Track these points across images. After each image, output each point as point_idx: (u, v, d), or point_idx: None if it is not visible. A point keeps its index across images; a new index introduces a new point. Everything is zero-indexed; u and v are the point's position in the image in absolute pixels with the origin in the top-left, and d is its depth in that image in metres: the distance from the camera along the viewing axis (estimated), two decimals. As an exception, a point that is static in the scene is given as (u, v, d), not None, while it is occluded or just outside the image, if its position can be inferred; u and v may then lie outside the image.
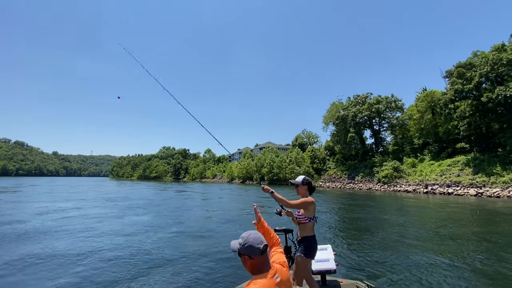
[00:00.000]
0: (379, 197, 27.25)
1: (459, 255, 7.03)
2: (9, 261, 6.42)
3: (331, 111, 58.44)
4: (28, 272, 5.75)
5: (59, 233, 9.41)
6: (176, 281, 5.26)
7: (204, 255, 6.94)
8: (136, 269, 5.92)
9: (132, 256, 6.80)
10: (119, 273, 5.65)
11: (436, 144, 38.41)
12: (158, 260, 6.51)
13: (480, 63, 29.04)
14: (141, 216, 13.52)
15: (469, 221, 12.96)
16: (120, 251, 7.23)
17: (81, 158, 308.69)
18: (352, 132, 48.52)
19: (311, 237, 3.10)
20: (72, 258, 6.61)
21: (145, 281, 5.27)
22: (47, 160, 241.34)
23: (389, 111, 48.02)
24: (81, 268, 5.95)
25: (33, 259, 6.59)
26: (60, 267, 5.98)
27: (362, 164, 47.34)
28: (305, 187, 3.24)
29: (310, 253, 3.06)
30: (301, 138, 76.56)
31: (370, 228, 10.90)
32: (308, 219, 3.09)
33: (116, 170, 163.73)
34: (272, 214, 11.79)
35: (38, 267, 6.05)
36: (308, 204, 3.07)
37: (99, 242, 8.25)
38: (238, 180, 78.61)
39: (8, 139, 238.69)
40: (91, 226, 10.78)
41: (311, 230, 3.12)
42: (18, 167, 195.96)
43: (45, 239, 8.62)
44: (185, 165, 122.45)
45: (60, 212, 14.50)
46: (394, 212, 15.98)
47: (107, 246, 7.74)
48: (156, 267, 6.01)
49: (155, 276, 5.50)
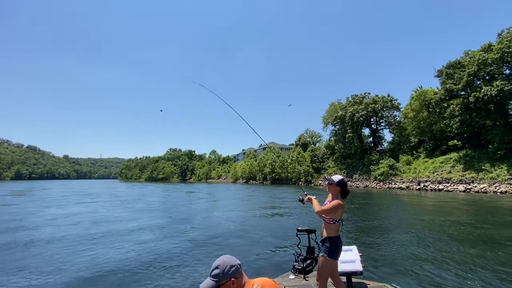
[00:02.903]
0: (376, 195, 28.31)
1: (484, 256, 6.59)
2: (32, 262, 6.50)
3: (330, 111, 59.71)
4: (51, 273, 5.74)
5: (85, 236, 9.44)
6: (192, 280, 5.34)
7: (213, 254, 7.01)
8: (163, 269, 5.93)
9: (157, 258, 6.78)
10: (140, 274, 5.66)
11: (431, 142, 39.31)
12: (179, 261, 6.50)
13: (468, 63, 29.95)
14: (159, 219, 13.30)
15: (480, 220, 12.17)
16: (143, 253, 7.22)
17: (91, 161, 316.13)
18: (350, 131, 49.63)
19: (335, 238, 3.03)
20: (95, 260, 6.60)
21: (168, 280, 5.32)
22: (59, 164, 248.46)
23: (386, 110, 48.97)
24: (107, 268, 5.99)
25: (56, 260, 6.65)
26: (85, 269, 5.95)
27: (360, 162, 48.41)
28: (338, 188, 3.09)
29: (334, 253, 2.98)
30: (304, 137, 77.68)
31: (383, 227, 10.51)
32: (334, 221, 3.02)
33: (124, 172, 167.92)
34: (294, 216, 13.54)
35: (63, 267, 6.09)
36: (337, 209, 2.98)
37: (118, 246, 8.15)
38: (242, 180, 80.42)
39: (21, 144, 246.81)
40: (113, 228, 10.73)
41: (336, 231, 3.04)
42: (31, 171, 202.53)
43: (73, 242, 8.69)
44: (191, 166, 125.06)
45: (83, 215, 14.76)
46: (400, 210, 16.33)
47: (125, 249, 7.67)
48: (178, 268, 6.02)
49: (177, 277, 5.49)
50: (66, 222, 12.35)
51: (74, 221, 12.40)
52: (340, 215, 3.01)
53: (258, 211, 15.89)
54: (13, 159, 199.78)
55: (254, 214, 14.64)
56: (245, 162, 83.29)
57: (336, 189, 3.09)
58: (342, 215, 3.05)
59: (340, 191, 3.10)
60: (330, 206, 2.99)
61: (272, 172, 65.49)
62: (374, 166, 42.45)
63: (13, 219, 13.06)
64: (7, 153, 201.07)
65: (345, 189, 3.12)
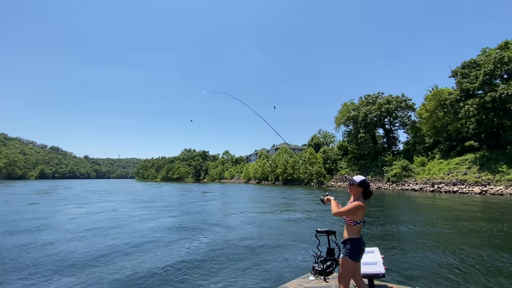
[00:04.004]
0: (390, 196, 28.13)
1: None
2: (58, 258, 6.68)
3: (342, 111, 59.30)
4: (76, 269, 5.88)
5: (112, 234, 9.70)
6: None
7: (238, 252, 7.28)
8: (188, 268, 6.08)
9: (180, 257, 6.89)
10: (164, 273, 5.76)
11: (447, 142, 38.44)
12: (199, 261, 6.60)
13: (484, 61, 29.23)
14: (178, 219, 13.48)
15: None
16: (163, 252, 7.37)
17: (110, 161, 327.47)
18: (363, 132, 49.23)
19: (357, 240, 2.99)
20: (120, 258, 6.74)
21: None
22: (80, 164, 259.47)
23: (400, 110, 48.24)
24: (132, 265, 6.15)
25: (82, 255, 6.93)
26: (111, 267, 6.04)
27: (373, 163, 47.93)
28: (359, 189, 3.03)
29: (356, 255, 2.95)
30: (317, 138, 77.22)
31: (402, 230, 10.38)
32: (354, 223, 2.98)
33: (141, 172, 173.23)
34: (311, 217, 14.09)
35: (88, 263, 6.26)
36: (357, 210, 2.94)
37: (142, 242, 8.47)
38: (254, 180, 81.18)
39: (45, 144, 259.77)
40: (133, 227, 11.09)
41: (357, 233, 2.99)
42: (54, 171, 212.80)
43: (98, 237, 9.08)
44: (205, 167, 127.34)
45: (107, 213, 15.46)
46: (416, 212, 16.20)
47: (147, 246, 7.94)
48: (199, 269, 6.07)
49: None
50: (89, 220, 12.79)
51: (96, 220, 12.88)
52: (361, 217, 2.97)
53: (274, 212, 15.94)
54: (37, 159, 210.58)
55: (270, 215, 14.73)
56: (257, 163, 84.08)
57: (358, 190, 3.04)
58: (363, 217, 3.00)
59: (362, 192, 3.04)
60: (348, 207, 2.97)
61: (284, 172, 65.82)
62: (387, 167, 41.97)
63: (38, 217, 13.48)
64: (32, 154, 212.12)
65: (367, 190, 3.06)
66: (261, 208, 18.71)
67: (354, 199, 3.04)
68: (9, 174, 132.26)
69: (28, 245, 7.97)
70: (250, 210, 17.54)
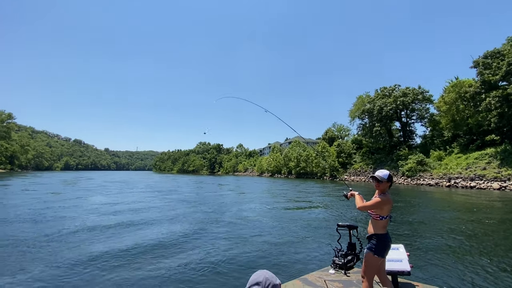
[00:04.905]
0: (404, 191, 27.69)
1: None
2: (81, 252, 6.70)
3: (357, 104, 58.15)
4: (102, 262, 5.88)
5: (133, 224, 9.99)
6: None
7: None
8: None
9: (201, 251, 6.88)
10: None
11: (466, 136, 37.00)
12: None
13: (508, 51, 27.71)
14: (196, 210, 13.67)
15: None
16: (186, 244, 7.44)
17: (129, 153, 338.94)
18: (378, 126, 48.19)
19: (382, 235, 2.92)
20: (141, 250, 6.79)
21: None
22: (101, 156, 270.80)
23: (417, 103, 46.69)
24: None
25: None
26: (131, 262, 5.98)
27: (388, 157, 47.00)
28: (388, 183, 2.99)
29: (381, 251, 2.88)
30: (332, 131, 76.20)
31: (424, 226, 10.12)
32: (380, 217, 2.93)
33: (158, 165, 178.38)
34: (329, 211, 14.22)
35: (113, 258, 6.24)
36: (383, 205, 2.88)
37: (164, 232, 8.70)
38: (267, 173, 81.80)
39: (69, 137, 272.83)
40: (152, 217, 11.43)
41: (383, 228, 2.94)
42: (77, 162, 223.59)
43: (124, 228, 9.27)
44: (219, 160, 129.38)
45: (128, 204, 15.94)
46: (436, 208, 15.80)
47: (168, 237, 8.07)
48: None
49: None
50: (110, 210, 13.29)
51: (117, 210, 13.39)
52: (387, 211, 2.92)
53: (291, 206, 15.80)
54: (62, 151, 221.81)
55: (287, 209, 14.63)
56: (270, 156, 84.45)
57: (387, 185, 2.99)
58: (390, 212, 2.95)
59: (389, 186, 3.01)
60: (374, 201, 2.92)
61: (297, 166, 65.85)
62: (402, 162, 41.09)
63: (63, 207, 14.07)
64: (57, 146, 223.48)
65: (392, 182, 3.06)
66: (277, 201, 18.73)
67: (380, 194, 2.99)
68: (37, 165, 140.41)
69: (52, 234, 8.31)
70: (266, 203, 17.57)
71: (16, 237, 7.88)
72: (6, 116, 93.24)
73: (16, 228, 9.13)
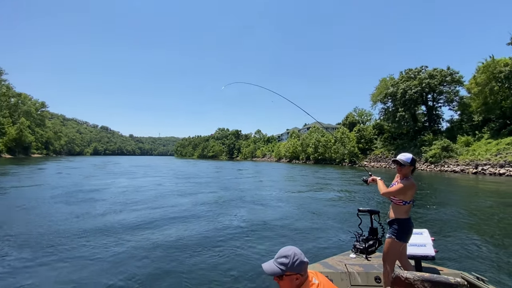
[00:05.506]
0: (428, 178, 26.92)
1: None
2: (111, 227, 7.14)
3: (379, 88, 55.76)
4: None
5: (158, 205, 10.38)
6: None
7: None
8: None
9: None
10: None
11: (499, 120, 34.63)
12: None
13: (551, 26, 25.02)
14: (218, 194, 13.89)
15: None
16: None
17: (151, 139, 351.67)
18: (402, 110, 46.23)
19: (405, 220, 2.85)
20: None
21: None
22: (126, 142, 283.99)
23: (446, 85, 43.98)
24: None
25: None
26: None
27: (412, 143, 45.28)
28: (411, 167, 2.90)
29: (403, 236, 2.83)
30: (352, 116, 74.02)
31: (451, 213, 9.77)
32: (404, 202, 2.85)
33: (179, 150, 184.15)
34: (349, 197, 14.23)
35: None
36: (407, 190, 2.82)
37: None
38: (285, 159, 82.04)
39: (96, 124, 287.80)
40: (176, 201, 11.71)
41: (405, 213, 2.87)
42: (105, 148, 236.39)
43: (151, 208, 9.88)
44: (238, 145, 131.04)
45: (152, 186, 16.64)
46: (462, 194, 15.44)
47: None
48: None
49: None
50: (137, 192, 14.03)
51: (143, 192, 14.15)
52: (411, 197, 2.85)
53: (310, 191, 15.73)
54: (91, 137, 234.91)
55: (306, 194, 14.58)
56: (288, 142, 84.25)
57: (409, 169, 2.90)
58: (413, 196, 2.87)
59: (412, 170, 2.93)
60: (399, 187, 2.84)
61: (315, 152, 65.34)
62: (426, 147, 39.51)
63: (93, 189, 14.77)
64: (86, 133, 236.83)
65: (415, 166, 2.98)
66: (297, 186, 18.76)
67: (403, 178, 2.91)
68: (69, 150, 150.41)
69: (82, 214, 8.78)
70: (286, 188, 17.54)
71: (53, 217, 8.52)
72: (40, 104, 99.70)
73: (52, 208, 9.86)
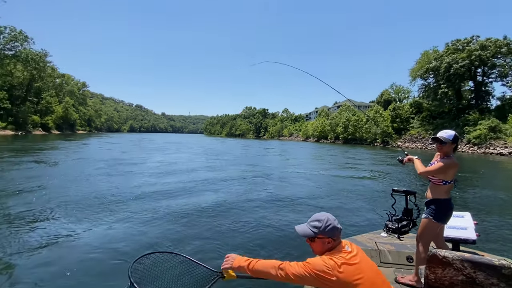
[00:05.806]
0: (470, 161, 25.10)
1: None
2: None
3: (421, 62, 51.03)
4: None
5: (189, 180, 10.74)
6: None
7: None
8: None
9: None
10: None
11: None
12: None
13: None
14: (247, 172, 14.08)
15: None
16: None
17: (182, 118, 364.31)
18: (444, 86, 42.28)
19: (444, 200, 2.71)
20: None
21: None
22: (158, 120, 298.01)
23: (501, 57, 39.00)
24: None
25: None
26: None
27: (453, 123, 41.69)
28: (453, 145, 2.73)
29: (442, 217, 2.70)
30: (388, 93, 69.24)
31: (498, 199, 9.20)
32: (444, 182, 2.70)
33: (209, 128, 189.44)
34: (381, 178, 13.74)
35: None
36: (448, 168, 2.66)
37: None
38: (312, 138, 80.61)
39: (131, 103, 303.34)
40: (207, 176, 12.14)
41: (446, 193, 2.71)
42: (140, 125, 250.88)
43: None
44: (265, 124, 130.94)
45: (185, 162, 17.42)
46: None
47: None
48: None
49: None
50: (171, 167, 14.78)
51: (177, 167, 14.92)
52: (452, 176, 2.69)
53: (340, 171, 15.43)
54: (127, 115, 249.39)
55: (336, 174, 14.25)
56: (317, 121, 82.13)
57: (451, 147, 2.72)
58: (454, 176, 2.71)
59: (454, 148, 2.75)
60: (439, 166, 2.67)
61: (345, 131, 63.19)
62: (470, 127, 36.23)
63: (131, 163, 15.72)
64: (122, 111, 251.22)
65: (457, 145, 2.79)
66: (325, 165, 18.52)
67: (444, 157, 2.73)
68: (108, 127, 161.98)
69: (121, 186, 9.24)
70: (314, 167, 17.32)
71: (98, 187, 9.20)
72: (81, 84, 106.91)
73: (97, 179, 10.60)
